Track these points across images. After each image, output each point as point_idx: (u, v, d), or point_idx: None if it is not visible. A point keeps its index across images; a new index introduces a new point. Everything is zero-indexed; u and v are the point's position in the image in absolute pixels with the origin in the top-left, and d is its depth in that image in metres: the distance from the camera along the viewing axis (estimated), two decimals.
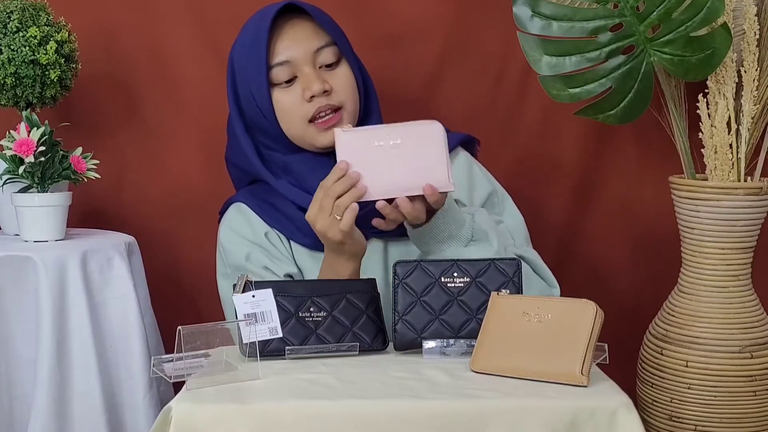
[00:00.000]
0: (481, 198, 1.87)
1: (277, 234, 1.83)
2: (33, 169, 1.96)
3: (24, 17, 1.99)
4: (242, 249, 1.81)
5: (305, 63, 1.80)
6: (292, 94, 1.80)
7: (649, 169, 2.29)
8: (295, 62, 1.80)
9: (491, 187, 1.90)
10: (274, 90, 1.81)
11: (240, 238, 1.82)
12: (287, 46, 1.80)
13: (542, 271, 1.82)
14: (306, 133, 1.81)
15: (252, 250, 1.80)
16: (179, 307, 2.29)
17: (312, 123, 1.80)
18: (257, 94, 1.81)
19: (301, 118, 1.80)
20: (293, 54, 1.80)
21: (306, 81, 1.79)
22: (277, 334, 1.56)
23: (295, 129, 1.81)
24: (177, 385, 1.46)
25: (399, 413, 1.36)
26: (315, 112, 1.79)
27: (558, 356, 1.43)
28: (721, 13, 1.89)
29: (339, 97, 1.81)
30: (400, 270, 1.59)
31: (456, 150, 1.90)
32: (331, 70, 1.82)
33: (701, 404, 1.95)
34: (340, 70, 1.82)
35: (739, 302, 1.97)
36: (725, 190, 1.93)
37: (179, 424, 1.35)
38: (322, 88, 1.78)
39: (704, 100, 1.96)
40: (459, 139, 1.91)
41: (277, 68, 1.80)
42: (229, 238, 1.84)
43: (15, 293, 1.90)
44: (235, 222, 1.85)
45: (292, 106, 1.80)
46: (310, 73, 1.79)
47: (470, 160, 1.92)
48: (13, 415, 1.93)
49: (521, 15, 1.99)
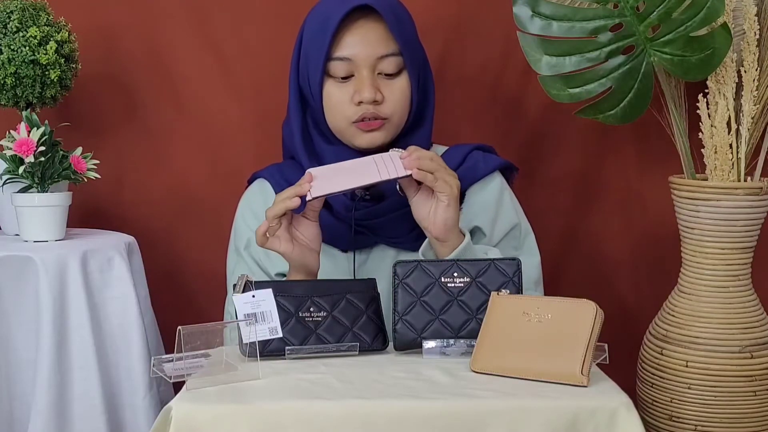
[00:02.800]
0: (503, 229, 1.86)
1: None
2: (33, 169, 1.96)
3: (24, 17, 1.99)
4: (247, 232, 1.83)
5: (365, 66, 1.78)
6: (343, 92, 1.79)
7: (649, 169, 2.29)
8: (355, 61, 1.78)
9: (516, 221, 1.88)
10: (328, 81, 1.80)
11: (252, 217, 1.85)
12: (352, 43, 1.78)
13: None
14: (347, 130, 1.81)
15: (253, 237, 1.79)
16: (179, 307, 2.29)
17: (354, 123, 1.80)
18: (312, 79, 1.81)
19: (346, 117, 1.80)
20: (356, 53, 1.78)
21: (360, 84, 1.78)
22: (277, 334, 1.56)
23: (337, 123, 1.81)
24: (177, 385, 1.46)
25: (399, 413, 1.36)
26: (359, 117, 1.78)
27: (558, 356, 1.43)
28: (721, 13, 1.89)
29: (387, 110, 1.80)
30: (400, 270, 1.59)
31: (493, 174, 1.89)
32: (389, 80, 1.80)
33: (701, 404, 1.95)
34: (398, 83, 1.81)
35: (739, 302, 1.97)
36: (725, 190, 1.93)
37: (179, 424, 1.35)
38: (372, 98, 1.77)
39: (704, 100, 1.96)
40: (499, 163, 1.90)
41: (336, 61, 1.79)
42: (242, 213, 1.88)
43: (15, 293, 1.90)
44: (253, 199, 1.88)
45: (340, 103, 1.80)
46: (367, 77, 1.78)
47: (503, 187, 1.90)
48: (13, 415, 1.93)
49: (521, 15, 1.99)
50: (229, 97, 2.28)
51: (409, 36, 1.84)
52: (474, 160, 1.88)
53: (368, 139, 1.80)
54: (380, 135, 1.80)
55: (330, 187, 1.63)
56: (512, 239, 1.88)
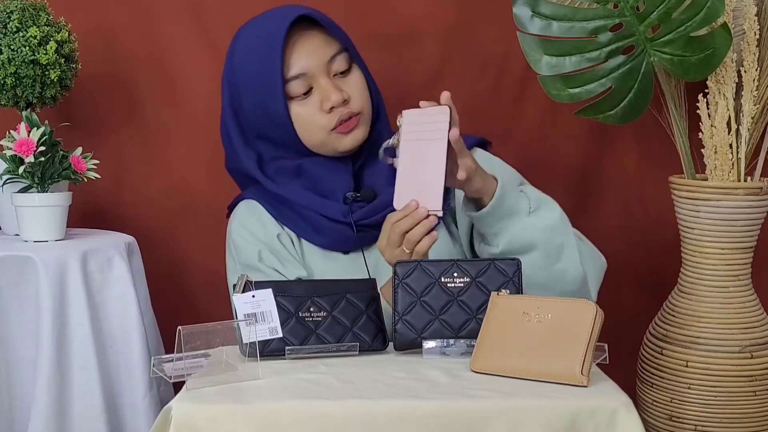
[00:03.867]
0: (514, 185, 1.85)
1: (288, 235, 1.83)
2: (33, 169, 1.96)
3: (24, 17, 1.99)
4: (254, 247, 1.81)
5: (320, 74, 1.79)
6: (310, 106, 1.79)
7: (649, 169, 2.29)
8: (310, 74, 1.79)
9: (520, 178, 1.88)
10: (291, 103, 1.79)
11: (251, 236, 1.82)
12: (301, 58, 1.78)
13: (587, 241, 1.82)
14: (327, 140, 1.81)
15: (263, 249, 1.80)
16: (179, 307, 2.29)
17: (333, 130, 1.80)
18: (272, 108, 1.79)
19: (322, 128, 1.79)
20: (308, 65, 1.78)
21: (323, 92, 1.79)
22: (277, 334, 1.56)
23: (316, 138, 1.81)
24: (177, 385, 1.46)
25: (399, 413, 1.36)
26: (336, 123, 1.79)
27: (558, 356, 1.43)
28: (721, 13, 1.89)
29: (356, 105, 1.81)
30: (400, 270, 1.59)
31: (473, 150, 1.89)
32: (345, 77, 1.82)
33: (701, 404, 1.95)
34: (353, 76, 1.82)
35: (739, 302, 1.97)
36: (725, 190, 1.93)
37: (179, 424, 1.35)
38: (341, 98, 1.78)
39: (704, 100, 1.96)
40: (474, 141, 1.91)
41: (293, 82, 1.78)
42: (240, 235, 1.83)
43: (15, 293, 1.90)
44: (246, 219, 1.84)
45: (312, 117, 1.79)
46: (327, 84, 1.79)
47: (489, 157, 1.90)
48: (13, 415, 1.93)
49: (521, 15, 1.99)
50: None
51: (343, 32, 1.85)
52: None
53: (351, 139, 1.80)
54: (360, 131, 1.81)
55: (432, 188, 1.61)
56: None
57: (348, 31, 1.88)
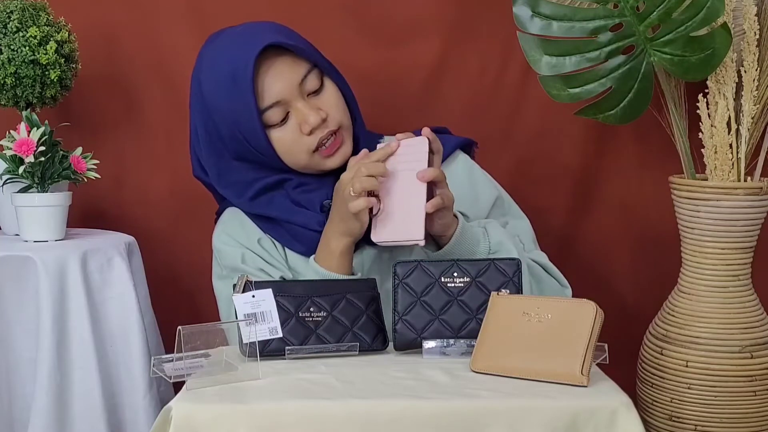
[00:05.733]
0: (487, 205, 1.87)
1: (270, 239, 1.82)
2: (33, 169, 1.96)
3: (24, 17, 1.99)
4: (236, 251, 1.80)
5: (295, 98, 1.76)
6: (290, 131, 1.77)
7: (649, 169, 2.29)
8: (284, 100, 1.76)
9: (497, 192, 1.89)
10: (270, 131, 1.77)
11: (233, 241, 1.81)
12: (273, 86, 1.75)
13: (554, 273, 1.83)
14: (311, 161, 1.79)
15: (246, 252, 1.80)
16: (179, 307, 2.29)
17: (317, 152, 1.78)
18: (251, 137, 1.76)
19: (305, 150, 1.78)
20: (281, 92, 1.75)
21: (301, 116, 1.76)
22: (277, 334, 1.56)
23: (299, 160, 1.79)
24: (177, 385, 1.46)
25: (399, 413, 1.36)
26: (318, 143, 1.77)
27: (558, 356, 1.43)
28: (721, 13, 1.89)
29: (335, 121, 1.78)
30: (400, 270, 1.59)
31: (454, 154, 1.89)
32: (319, 95, 1.78)
33: (701, 404, 1.95)
34: (327, 92, 1.79)
35: (739, 302, 1.97)
36: (725, 190, 1.93)
37: (179, 424, 1.35)
38: (319, 120, 1.75)
39: (704, 100, 1.96)
40: (456, 143, 1.90)
41: (269, 111, 1.75)
42: (222, 240, 1.83)
43: (15, 293, 1.90)
44: (229, 225, 1.84)
45: (293, 142, 1.77)
46: (303, 107, 1.76)
47: (470, 164, 1.90)
48: (13, 415, 1.93)
49: (521, 15, 1.98)
50: None
51: (307, 45, 1.81)
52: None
53: (339, 157, 1.79)
54: (345, 148, 1.80)
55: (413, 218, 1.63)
56: (498, 209, 1.88)
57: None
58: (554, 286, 1.81)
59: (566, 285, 1.83)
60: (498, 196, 1.89)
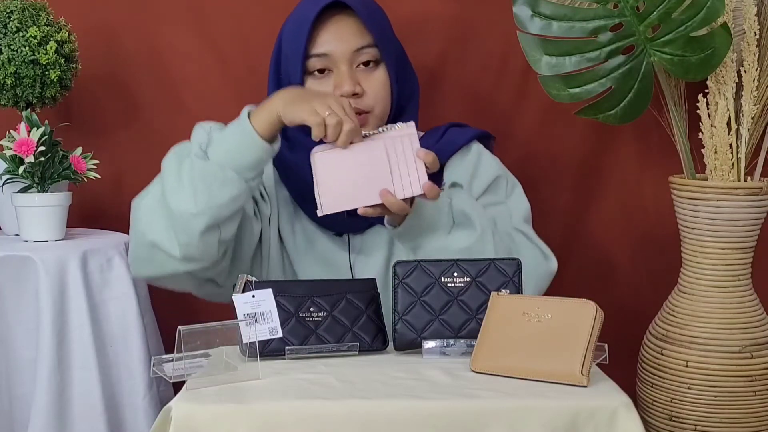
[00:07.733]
0: (482, 184, 1.87)
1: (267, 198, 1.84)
2: (33, 169, 1.96)
3: (24, 17, 1.99)
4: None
5: (342, 60, 1.81)
6: (324, 87, 1.81)
7: (649, 169, 2.29)
8: (333, 57, 1.81)
9: (500, 172, 1.90)
10: (308, 78, 1.82)
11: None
12: (328, 40, 1.81)
13: (538, 244, 1.82)
14: None
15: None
16: (179, 307, 2.29)
17: None
18: (293, 78, 1.82)
19: None
20: (332, 49, 1.81)
21: (339, 78, 1.81)
22: (277, 334, 1.56)
23: None
24: (177, 385, 1.46)
25: (399, 413, 1.36)
26: None
27: (558, 356, 1.43)
28: (721, 13, 1.89)
29: (368, 101, 1.82)
30: (400, 270, 1.59)
31: (470, 144, 1.91)
32: (368, 72, 1.83)
33: (701, 404, 1.95)
34: (376, 74, 1.83)
35: (739, 302, 1.97)
36: (725, 190, 1.93)
37: (179, 424, 1.35)
38: (352, 90, 1.79)
39: (704, 100, 1.96)
40: (475, 133, 1.92)
41: (314, 59, 1.81)
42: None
43: (15, 293, 1.90)
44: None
45: None
46: (345, 71, 1.80)
47: (481, 150, 1.92)
48: (13, 415, 1.93)
49: (521, 15, 1.99)
50: (229, 97, 2.28)
51: (383, 28, 1.86)
52: (452, 134, 1.91)
53: None
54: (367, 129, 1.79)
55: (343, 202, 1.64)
56: (496, 190, 1.88)
57: None
58: (536, 254, 1.80)
59: (550, 256, 1.82)
60: (499, 176, 1.89)
